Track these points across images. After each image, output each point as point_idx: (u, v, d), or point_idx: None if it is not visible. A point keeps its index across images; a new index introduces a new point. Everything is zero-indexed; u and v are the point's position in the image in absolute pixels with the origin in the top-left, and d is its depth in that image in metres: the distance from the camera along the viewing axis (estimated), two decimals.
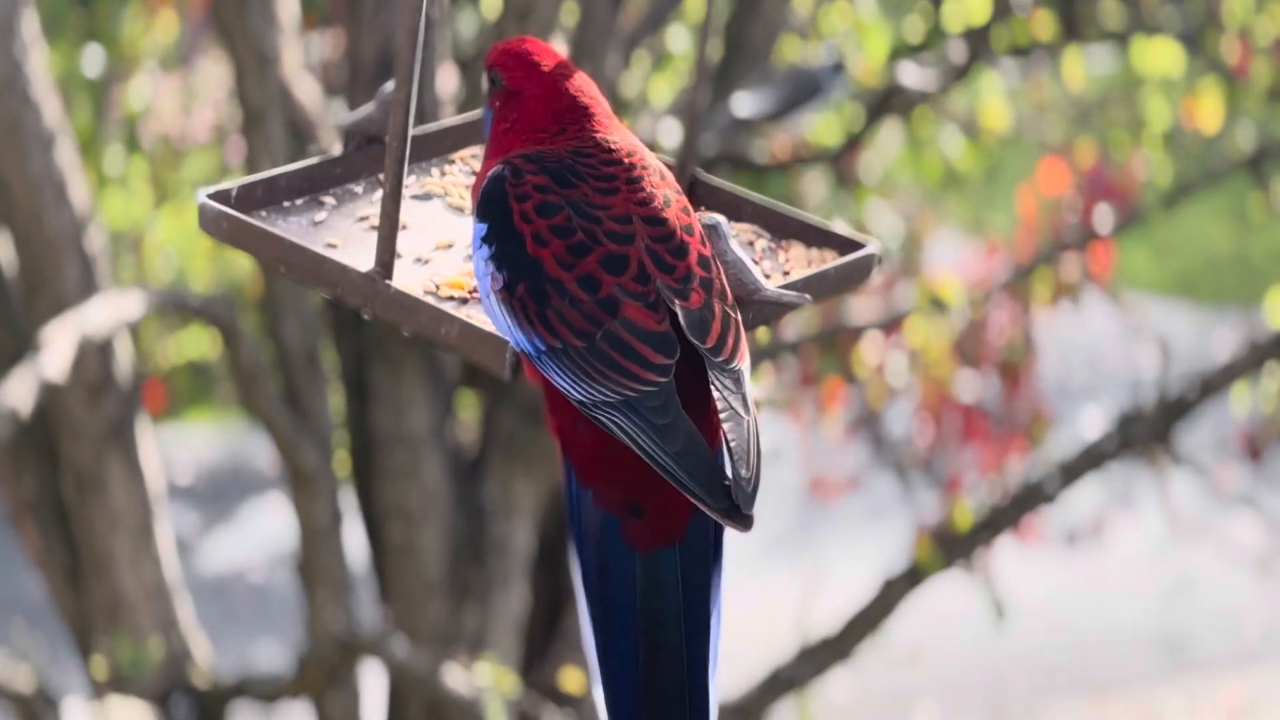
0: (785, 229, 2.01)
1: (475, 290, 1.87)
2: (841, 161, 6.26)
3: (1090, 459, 5.44)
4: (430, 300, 1.84)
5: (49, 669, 5.60)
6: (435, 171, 2.09)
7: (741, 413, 1.75)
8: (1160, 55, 6.43)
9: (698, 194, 2.05)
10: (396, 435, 5.26)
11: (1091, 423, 6.15)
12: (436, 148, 2.11)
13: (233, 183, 1.95)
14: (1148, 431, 5.39)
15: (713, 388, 1.75)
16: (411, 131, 1.83)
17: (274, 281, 5.09)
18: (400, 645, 4.95)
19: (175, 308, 5.07)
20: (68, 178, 4.74)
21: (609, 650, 1.77)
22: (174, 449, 9.00)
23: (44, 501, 5.03)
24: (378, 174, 2.05)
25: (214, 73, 7.30)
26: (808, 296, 1.88)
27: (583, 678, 5.48)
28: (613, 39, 5.11)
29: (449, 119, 2.15)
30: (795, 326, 6.28)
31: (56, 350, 4.27)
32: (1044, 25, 6.30)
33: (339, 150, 2.05)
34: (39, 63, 4.70)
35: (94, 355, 4.80)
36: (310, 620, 5.18)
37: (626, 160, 1.81)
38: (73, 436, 4.91)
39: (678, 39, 6.10)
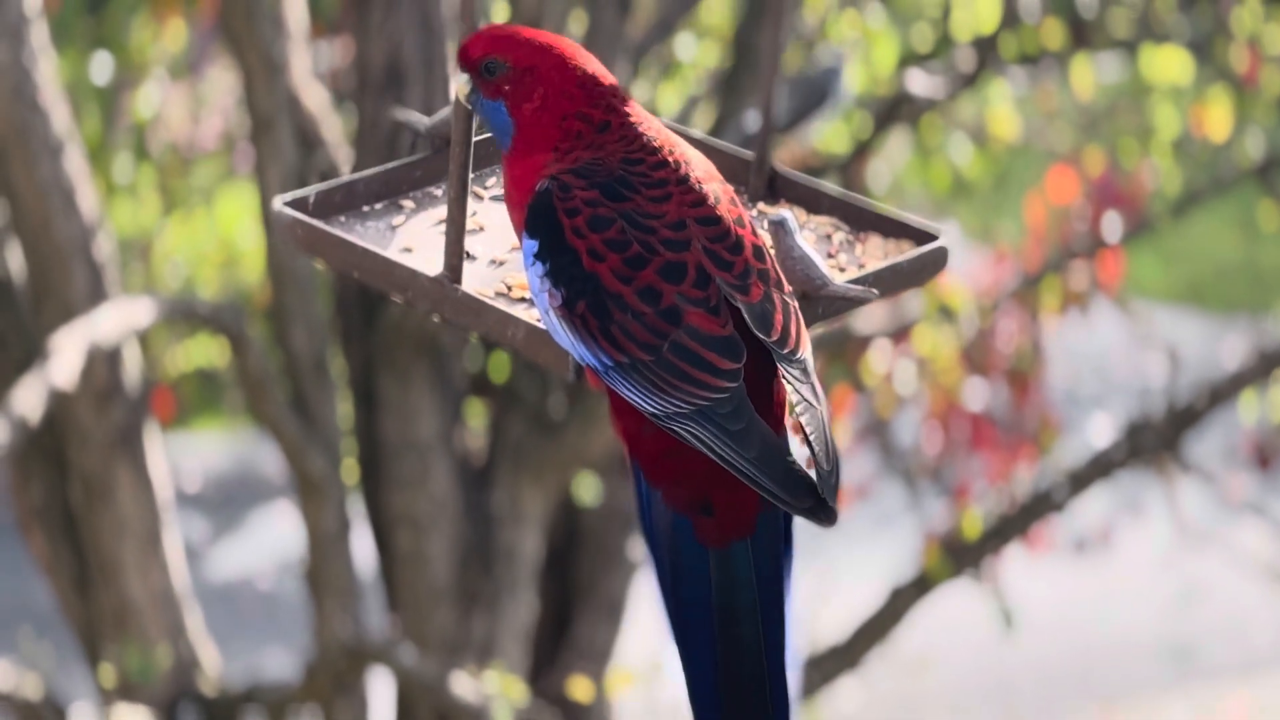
0: (863, 221, 2.00)
1: None
2: (850, 169, 6.25)
3: (1099, 467, 5.44)
4: (499, 303, 1.83)
5: (57, 676, 5.60)
6: None
7: (814, 403, 1.74)
8: (1169, 63, 6.43)
9: (777, 188, 2.03)
10: (405, 443, 5.25)
11: (1100, 431, 6.14)
12: None
13: (310, 189, 1.94)
14: (1156, 440, 5.39)
15: (784, 380, 1.74)
16: (475, 136, 1.82)
17: (282, 289, 5.09)
18: (408, 653, 4.94)
19: (184, 315, 5.07)
20: (76, 185, 4.74)
21: (688, 647, 1.76)
22: (182, 457, 9.00)
23: (52, 508, 5.03)
24: None
25: (222, 80, 7.30)
26: (874, 291, 1.88)
27: (591, 686, 5.48)
28: (621, 47, 5.11)
29: None
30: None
31: (65, 358, 4.27)
32: (1053, 33, 6.30)
33: (419, 153, 2.02)
34: (48, 70, 4.70)
35: (102, 363, 4.80)
36: (318, 628, 5.18)
37: (672, 160, 1.78)
38: (81, 444, 4.91)
39: (686, 48, 6.10)
